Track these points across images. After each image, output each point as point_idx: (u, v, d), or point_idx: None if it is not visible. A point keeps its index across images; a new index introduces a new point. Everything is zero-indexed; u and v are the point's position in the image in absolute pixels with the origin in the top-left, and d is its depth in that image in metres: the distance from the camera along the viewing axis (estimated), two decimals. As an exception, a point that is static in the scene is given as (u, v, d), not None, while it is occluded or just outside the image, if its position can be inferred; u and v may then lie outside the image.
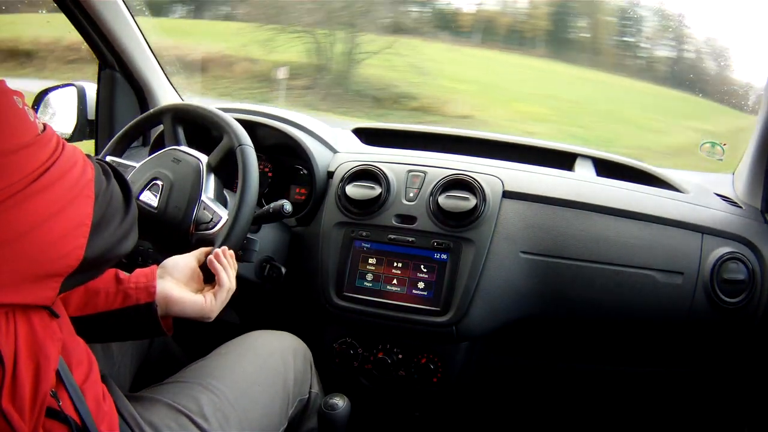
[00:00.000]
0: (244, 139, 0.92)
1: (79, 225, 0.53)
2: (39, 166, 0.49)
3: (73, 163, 0.53)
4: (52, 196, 0.50)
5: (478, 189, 1.00)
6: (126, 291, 0.72)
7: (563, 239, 0.99)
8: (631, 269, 0.98)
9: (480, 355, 1.06)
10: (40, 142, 0.50)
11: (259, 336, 0.91)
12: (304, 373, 0.92)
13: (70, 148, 0.54)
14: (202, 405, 0.73)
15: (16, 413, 0.50)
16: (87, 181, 0.54)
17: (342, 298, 1.02)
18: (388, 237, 1.02)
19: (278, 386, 0.84)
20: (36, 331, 0.53)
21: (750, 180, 1.11)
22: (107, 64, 1.38)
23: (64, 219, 0.51)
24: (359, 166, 1.08)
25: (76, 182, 0.53)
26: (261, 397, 0.81)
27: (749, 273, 0.97)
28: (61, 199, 0.51)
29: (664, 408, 1.16)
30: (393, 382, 1.05)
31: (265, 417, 0.80)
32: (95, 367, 0.65)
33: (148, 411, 0.70)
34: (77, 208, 0.53)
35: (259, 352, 0.87)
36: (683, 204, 1.06)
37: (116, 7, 1.26)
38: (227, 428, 0.74)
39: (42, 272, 0.51)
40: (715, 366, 1.05)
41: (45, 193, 0.49)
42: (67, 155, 0.53)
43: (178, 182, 0.90)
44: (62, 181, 0.51)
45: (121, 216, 0.59)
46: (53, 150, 0.51)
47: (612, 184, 1.09)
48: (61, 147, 0.52)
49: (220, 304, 0.78)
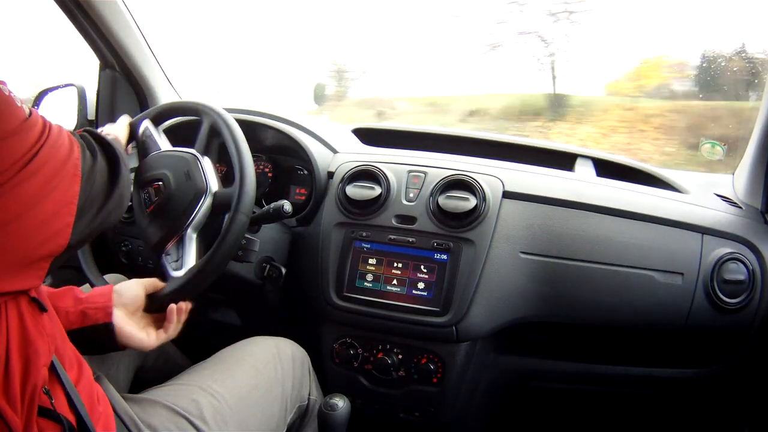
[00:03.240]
0: (218, 108, 0.91)
1: (67, 204, 0.54)
2: (27, 151, 0.49)
3: (60, 144, 0.54)
4: (41, 180, 0.50)
5: (478, 189, 1.00)
6: (85, 311, 0.74)
7: (563, 239, 0.99)
8: (631, 269, 0.98)
9: (480, 355, 1.06)
10: (27, 127, 0.50)
11: (258, 342, 0.92)
12: (303, 379, 0.92)
13: (56, 129, 0.54)
14: (202, 408, 0.73)
15: (9, 408, 0.50)
16: (74, 160, 0.55)
17: (342, 299, 1.02)
18: (388, 237, 1.02)
19: (277, 392, 0.85)
20: (27, 326, 0.53)
21: (750, 180, 1.11)
22: (107, 64, 1.38)
23: (51, 201, 0.52)
24: (359, 166, 1.08)
25: (63, 163, 0.54)
26: (260, 402, 0.81)
27: (749, 273, 0.97)
28: (49, 182, 0.51)
29: (664, 408, 1.16)
30: (393, 383, 1.05)
31: (263, 422, 0.80)
32: (86, 368, 0.65)
33: (147, 413, 0.70)
34: (64, 189, 0.54)
35: (258, 357, 0.87)
36: (683, 204, 1.06)
37: (116, 7, 1.26)
38: (226, 431, 0.74)
39: (33, 256, 0.51)
40: (715, 366, 1.05)
41: (34, 177, 0.50)
42: (54, 137, 0.53)
43: (175, 196, 0.87)
44: (50, 163, 0.52)
45: (106, 192, 0.61)
46: (40, 133, 0.51)
47: (612, 185, 1.09)
48: (48, 129, 0.53)
49: (158, 344, 0.81)
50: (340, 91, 3.20)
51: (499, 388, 1.14)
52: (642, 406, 1.17)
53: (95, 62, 1.39)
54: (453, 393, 1.04)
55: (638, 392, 1.12)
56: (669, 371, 1.07)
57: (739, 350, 1.02)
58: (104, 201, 0.60)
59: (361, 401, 1.07)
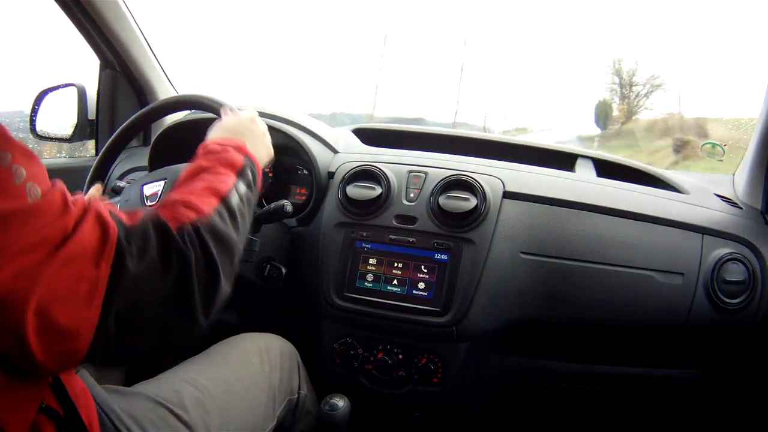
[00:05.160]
0: (223, 100, 0.90)
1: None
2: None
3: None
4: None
5: (478, 189, 1.00)
6: None
7: (563, 240, 0.99)
8: (631, 270, 0.98)
9: (480, 355, 1.06)
10: (27, 214, 0.38)
11: (246, 337, 0.92)
12: (291, 373, 0.92)
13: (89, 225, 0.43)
14: (183, 398, 0.73)
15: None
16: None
17: (342, 299, 1.02)
18: (389, 237, 1.02)
19: (263, 384, 0.85)
20: None
21: (750, 181, 1.11)
22: (107, 63, 1.39)
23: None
24: (360, 166, 1.08)
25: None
26: (244, 394, 0.81)
27: (749, 274, 0.98)
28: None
29: (664, 409, 1.16)
30: (393, 383, 1.05)
31: (248, 412, 0.80)
32: None
33: (130, 404, 0.70)
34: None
35: (245, 351, 0.87)
36: (683, 204, 1.06)
37: (117, 7, 1.27)
38: (207, 420, 0.74)
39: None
40: (716, 367, 1.05)
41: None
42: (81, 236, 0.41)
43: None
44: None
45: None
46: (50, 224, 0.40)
47: (612, 185, 1.09)
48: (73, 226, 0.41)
49: None
50: (624, 110, 2.61)
51: (500, 388, 1.14)
52: (642, 406, 1.17)
53: (96, 62, 1.39)
54: (453, 393, 1.04)
55: (638, 392, 1.12)
56: (669, 371, 1.07)
57: (739, 351, 1.02)
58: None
59: (361, 401, 1.07)
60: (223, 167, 0.62)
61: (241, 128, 0.75)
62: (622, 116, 2.30)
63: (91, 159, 1.42)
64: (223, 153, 0.65)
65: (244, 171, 0.64)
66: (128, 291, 0.43)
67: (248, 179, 0.65)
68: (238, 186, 0.61)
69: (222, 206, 0.57)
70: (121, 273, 0.43)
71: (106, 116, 1.42)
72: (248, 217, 0.63)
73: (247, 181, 0.64)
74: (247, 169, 0.65)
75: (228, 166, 0.63)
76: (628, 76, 2.27)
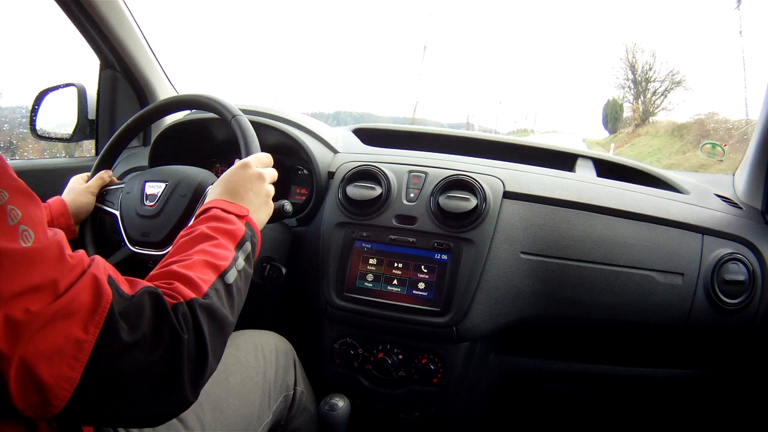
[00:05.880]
0: (234, 109, 0.90)
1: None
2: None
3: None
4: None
5: (478, 189, 1.00)
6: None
7: (564, 240, 0.99)
8: (631, 270, 0.98)
9: (480, 355, 1.06)
10: (17, 258, 0.37)
11: (241, 334, 0.92)
12: (287, 369, 0.93)
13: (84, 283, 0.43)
14: None
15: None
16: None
17: (342, 299, 1.02)
18: (389, 237, 1.02)
19: (258, 378, 0.85)
20: None
21: (750, 180, 1.11)
22: (107, 63, 1.38)
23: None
24: (360, 166, 1.08)
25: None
26: (237, 389, 0.81)
27: (749, 274, 0.98)
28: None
29: (664, 409, 1.16)
30: (393, 383, 1.05)
31: (242, 407, 0.80)
32: None
33: None
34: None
35: (240, 347, 0.87)
36: (683, 204, 1.06)
37: (117, 7, 1.26)
38: (201, 414, 0.74)
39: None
40: (716, 367, 1.05)
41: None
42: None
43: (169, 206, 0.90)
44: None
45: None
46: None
47: (612, 185, 1.09)
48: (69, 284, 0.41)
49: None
50: (639, 110, 2.43)
51: (500, 388, 1.14)
52: (642, 406, 1.17)
53: (96, 62, 1.39)
54: (453, 393, 1.04)
55: (638, 392, 1.12)
56: (669, 371, 1.07)
57: (739, 351, 1.02)
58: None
59: (361, 401, 1.07)
60: (225, 238, 0.62)
61: (245, 189, 0.74)
62: (636, 117, 2.14)
63: (91, 159, 1.42)
64: (226, 223, 0.65)
65: (244, 243, 0.64)
66: (115, 359, 0.43)
67: (248, 252, 0.65)
68: (237, 261, 0.61)
69: (219, 283, 0.57)
70: (110, 341, 0.43)
71: (106, 116, 1.42)
72: (244, 292, 0.63)
73: (247, 254, 0.64)
74: (248, 242, 0.65)
75: (229, 238, 0.63)
76: (643, 71, 2.10)
